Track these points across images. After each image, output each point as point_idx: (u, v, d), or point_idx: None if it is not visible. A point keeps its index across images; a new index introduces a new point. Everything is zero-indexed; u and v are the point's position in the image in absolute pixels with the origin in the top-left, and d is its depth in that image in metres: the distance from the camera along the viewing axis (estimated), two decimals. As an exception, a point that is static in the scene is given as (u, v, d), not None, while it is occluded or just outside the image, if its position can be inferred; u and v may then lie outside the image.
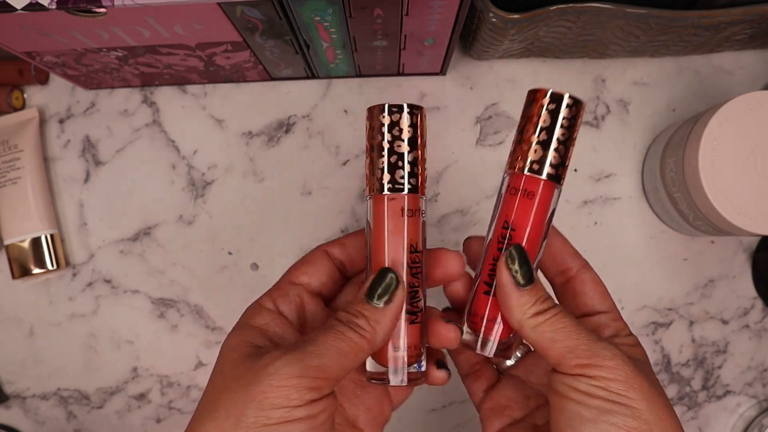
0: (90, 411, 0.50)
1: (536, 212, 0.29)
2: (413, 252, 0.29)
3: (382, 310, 0.28)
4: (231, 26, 0.38)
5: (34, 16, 0.34)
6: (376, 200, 0.29)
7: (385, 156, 0.29)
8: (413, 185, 0.29)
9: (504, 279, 0.28)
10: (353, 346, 0.26)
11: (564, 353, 0.27)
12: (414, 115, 0.29)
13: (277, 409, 0.24)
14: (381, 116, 0.29)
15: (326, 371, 0.25)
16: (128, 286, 0.50)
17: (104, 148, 0.50)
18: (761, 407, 0.49)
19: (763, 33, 0.45)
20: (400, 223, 0.29)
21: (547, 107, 0.29)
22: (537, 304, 0.28)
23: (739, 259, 0.49)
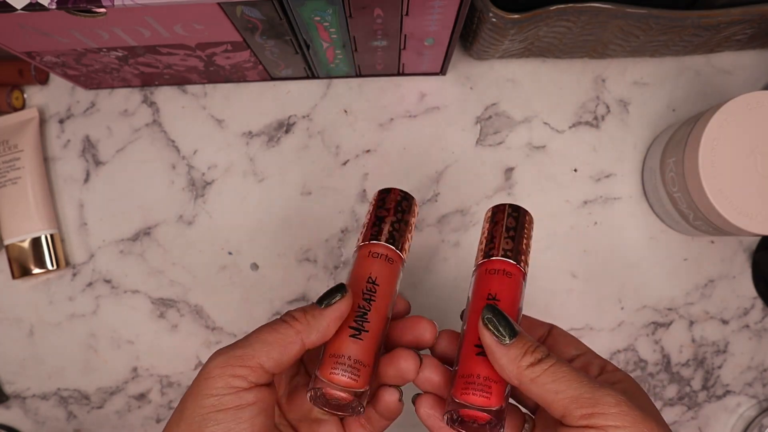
0: (90, 411, 0.50)
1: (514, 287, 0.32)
2: (369, 282, 0.32)
3: (320, 310, 0.29)
4: (231, 26, 0.38)
5: (34, 16, 0.34)
6: (363, 248, 0.34)
7: (369, 219, 0.35)
8: (386, 238, 0.34)
9: (487, 340, 0.29)
10: (279, 337, 0.28)
11: (568, 404, 0.27)
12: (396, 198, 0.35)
13: (207, 398, 0.26)
14: (378, 196, 0.36)
15: (249, 360, 0.27)
16: (128, 286, 0.50)
17: (104, 148, 0.50)
18: (761, 407, 0.49)
19: (763, 33, 0.45)
20: (366, 262, 0.33)
21: (507, 218, 0.35)
22: (529, 355, 0.28)
23: (739, 259, 0.49)
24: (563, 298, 0.49)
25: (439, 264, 0.49)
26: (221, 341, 0.50)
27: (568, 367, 0.28)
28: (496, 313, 0.29)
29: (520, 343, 0.28)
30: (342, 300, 0.30)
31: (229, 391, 0.26)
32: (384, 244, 0.34)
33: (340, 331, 0.31)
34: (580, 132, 0.49)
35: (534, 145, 0.49)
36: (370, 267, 0.33)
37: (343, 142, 0.50)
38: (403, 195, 0.36)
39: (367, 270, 0.33)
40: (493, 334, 0.29)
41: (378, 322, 0.32)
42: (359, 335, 0.31)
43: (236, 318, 0.50)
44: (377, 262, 0.33)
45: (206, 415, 0.26)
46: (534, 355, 0.28)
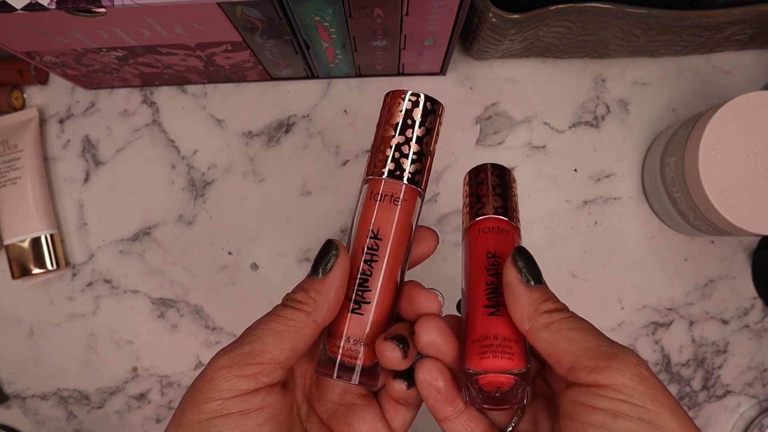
0: (90, 411, 0.50)
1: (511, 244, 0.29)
2: (372, 237, 0.27)
3: (320, 280, 0.26)
4: (231, 26, 0.38)
5: (34, 16, 0.34)
6: (368, 184, 0.29)
7: (376, 140, 0.29)
8: (391, 171, 0.28)
9: (511, 277, 0.26)
10: (290, 324, 0.25)
11: (581, 354, 0.24)
12: (410, 102, 0.28)
13: (209, 402, 0.23)
14: (395, 100, 0.29)
15: (259, 356, 0.24)
16: (128, 286, 0.50)
17: (104, 148, 0.50)
18: (761, 407, 0.49)
19: (763, 33, 0.45)
20: (368, 207, 0.28)
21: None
22: (550, 302, 0.26)
23: (739, 259, 0.49)
24: (563, 298, 0.48)
25: (439, 264, 0.49)
26: (221, 341, 0.50)
27: (587, 322, 0.25)
28: (526, 256, 0.27)
29: (544, 290, 0.26)
30: (338, 260, 0.26)
31: (234, 393, 0.23)
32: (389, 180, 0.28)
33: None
34: (580, 132, 0.49)
35: (534, 145, 0.49)
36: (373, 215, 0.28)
37: (343, 142, 0.50)
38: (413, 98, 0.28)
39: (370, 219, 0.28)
40: (519, 272, 0.26)
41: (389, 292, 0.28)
42: (359, 309, 0.27)
43: (236, 318, 0.50)
44: (380, 206, 0.28)
45: (206, 422, 0.23)
46: (555, 304, 0.26)
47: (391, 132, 0.28)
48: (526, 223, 0.49)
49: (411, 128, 0.28)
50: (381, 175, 0.28)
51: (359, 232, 0.28)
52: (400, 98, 0.29)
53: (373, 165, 0.28)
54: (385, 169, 0.28)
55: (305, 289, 0.26)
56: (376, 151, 0.28)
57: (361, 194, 0.29)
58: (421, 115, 0.28)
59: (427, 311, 0.28)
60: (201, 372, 0.24)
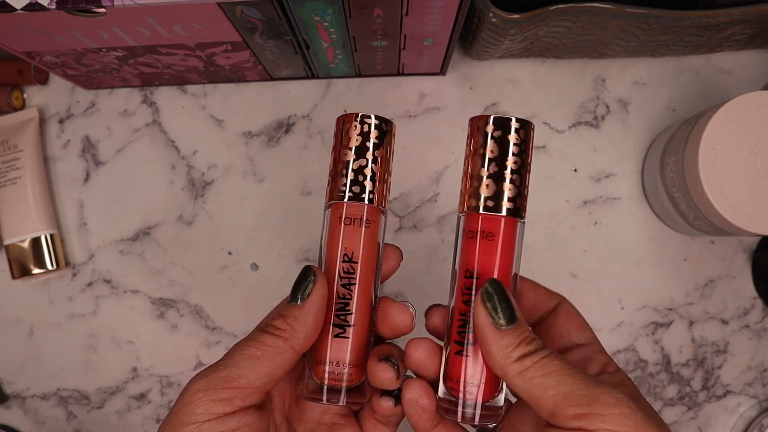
0: (90, 411, 0.50)
1: (501, 254, 0.27)
2: (346, 261, 0.28)
3: (299, 307, 0.26)
4: (231, 26, 0.38)
5: (34, 16, 0.34)
6: (332, 209, 0.29)
7: (332, 164, 0.29)
8: (355, 194, 0.28)
9: (481, 320, 0.25)
10: (268, 349, 0.25)
11: (558, 401, 0.23)
12: (364, 125, 0.28)
13: (185, 426, 0.23)
14: (348, 124, 0.29)
15: (235, 381, 0.24)
16: (128, 286, 0.50)
17: (104, 148, 0.50)
18: (761, 407, 0.49)
19: (763, 33, 0.45)
20: (336, 231, 0.28)
21: (492, 135, 0.27)
22: (522, 346, 0.25)
23: (739, 259, 0.49)
24: (563, 298, 0.49)
25: (439, 264, 0.49)
26: (221, 341, 0.50)
27: (561, 361, 0.24)
28: (498, 292, 0.25)
29: (515, 331, 0.25)
30: (316, 286, 0.26)
31: (209, 417, 0.23)
32: (354, 203, 0.27)
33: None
34: (580, 132, 0.49)
35: (534, 145, 0.49)
36: (344, 239, 0.28)
37: (343, 142, 0.50)
38: (367, 120, 0.28)
39: (340, 243, 0.27)
40: (489, 314, 0.25)
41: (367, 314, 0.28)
42: (343, 333, 0.27)
43: (236, 318, 0.50)
44: (349, 230, 0.28)
45: None
46: (527, 347, 0.25)
47: (350, 155, 0.28)
48: (527, 224, 0.49)
49: (368, 150, 0.28)
50: (343, 198, 0.28)
51: (330, 257, 0.28)
52: (354, 121, 0.29)
53: (336, 189, 0.28)
54: (348, 193, 0.28)
55: (283, 316, 0.26)
56: (337, 175, 0.28)
57: (325, 219, 0.29)
58: (377, 137, 0.28)
59: (401, 324, 0.29)
60: (180, 395, 0.25)
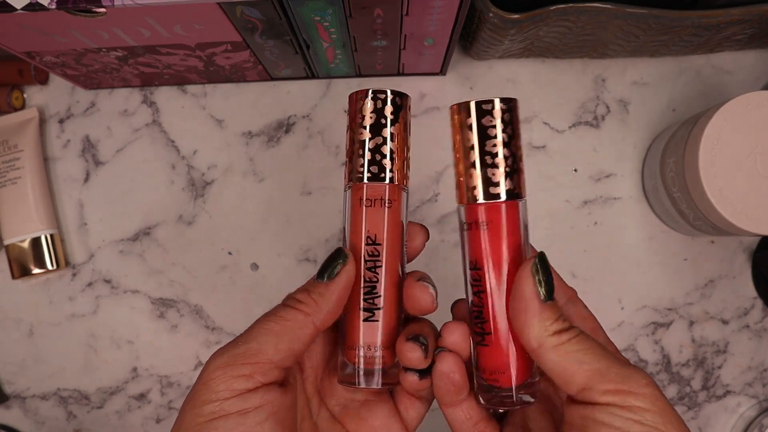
0: (90, 411, 0.50)
1: (507, 240, 0.27)
2: (370, 244, 0.27)
3: (325, 284, 0.26)
4: (231, 26, 0.38)
5: (34, 16, 0.34)
6: (352, 191, 0.28)
7: (348, 145, 0.28)
8: (374, 174, 0.27)
9: (527, 290, 0.25)
10: (288, 324, 0.25)
11: (592, 376, 0.24)
12: (377, 101, 0.27)
13: (206, 405, 0.23)
14: (361, 101, 0.28)
15: (255, 356, 0.24)
16: (128, 286, 0.50)
17: (104, 148, 0.50)
18: (761, 407, 0.49)
19: (763, 33, 0.45)
20: (358, 214, 0.27)
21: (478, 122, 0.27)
22: (559, 322, 0.25)
23: (739, 259, 0.49)
24: (563, 298, 0.49)
25: (439, 264, 0.49)
26: (221, 341, 0.50)
27: (594, 341, 0.25)
28: (547, 266, 0.26)
29: (554, 307, 0.26)
30: (345, 267, 0.26)
31: (232, 394, 0.23)
32: (374, 184, 0.27)
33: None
34: (580, 132, 0.49)
35: (534, 145, 0.49)
36: (366, 221, 0.27)
37: (343, 142, 0.49)
38: (380, 96, 0.27)
39: (363, 226, 0.27)
40: (538, 285, 0.25)
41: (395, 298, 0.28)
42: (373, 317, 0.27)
43: (236, 318, 0.50)
44: (371, 212, 0.27)
45: (204, 424, 0.23)
46: (564, 323, 0.25)
47: (365, 134, 0.27)
48: (526, 223, 0.49)
49: (384, 127, 0.27)
50: (362, 180, 0.27)
51: (354, 240, 0.28)
52: (368, 98, 0.28)
53: (354, 170, 0.28)
54: (367, 173, 0.27)
55: (308, 291, 0.26)
56: (354, 155, 0.28)
57: (346, 202, 0.28)
58: (392, 112, 0.27)
59: (423, 304, 0.29)
60: (200, 374, 0.24)
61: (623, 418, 0.23)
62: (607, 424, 0.24)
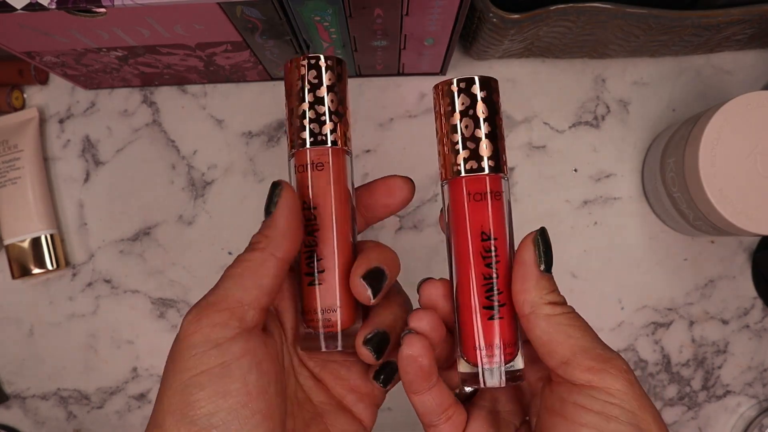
0: (90, 411, 0.50)
1: (508, 213, 0.28)
2: (307, 209, 0.27)
3: (270, 217, 0.26)
4: (231, 26, 0.38)
5: (34, 16, 0.34)
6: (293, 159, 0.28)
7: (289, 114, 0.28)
8: (313, 139, 0.27)
9: (527, 257, 0.26)
10: (248, 264, 0.25)
11: (577, 351, 0.25)
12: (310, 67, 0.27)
13: (186, 361, 0.22)
14: (295, 69, 0.28)
15: (223, 302, 0.23)
16: (128, 286, 0.50)
17: (104, 148, 0.50)
18: (761, 407, 0.49)
19: (763, 33, 0.45)
20: (300, 181, 0.28)
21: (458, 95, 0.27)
22: (555, 294, 0.26)
23: (739, 259, 0.49)
24: (563, 298, 0.49)
25: (439, 264, 0.49)
26: (221, 341, 0.50)
27: (584, 322, 0.26)
28: (548, 240, 0.27)
29: (551, 280, 0.26)
30: (282, 193, 0.26)
31: (210, 346, 0.22)
32: (309, 149, 0.27)
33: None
34: (580, 132, 0.49)
35: (534, 145, 0.49)
36: (298, 187, 0.27)
37: (343, 142, 0.50)
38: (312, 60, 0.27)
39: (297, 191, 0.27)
40: (537, 254, 0.26)
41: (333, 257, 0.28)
42: (313, 281, 0.27)
43: (236, 318, 0.49)
44: (302, 177, 0.27)
45: (188, 381, 0.22)
46: (559, 297, 0.26)
47: (296, 101, 0.27)
48: (526, 223, 0.49)
49: (315, 90, 0.27)
50: (301, 146, 0.27)
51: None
52: (300, 64, 0.27)
53: (291, 139, 0.28)
54: (303, 139, 0.27)
55: (259, 231, 0.26)
56: (290, 125, 0.27)
57: (289, 172, 0.28)
58: (326, 77, 0.27)
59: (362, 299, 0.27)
60: (176, 336, 0.24)
61: (602, 402, 0.24)
62: (586, 407, 0.24)
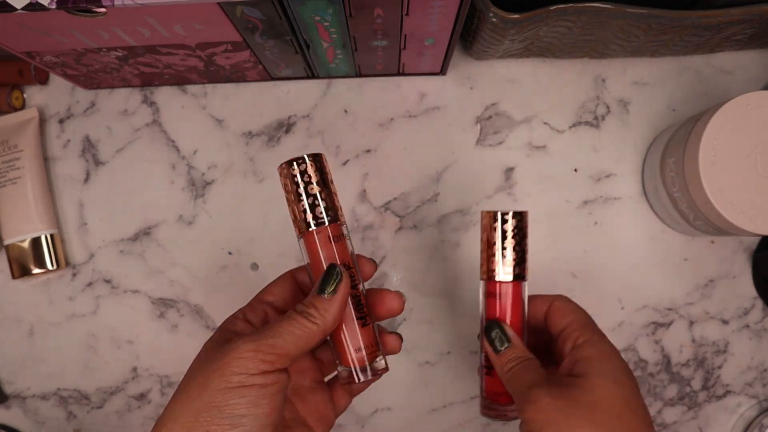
0: (90, 411, 0.50)
1: (512, 308, 0.37)
2: (347, 269, 0.34)
3: (329, 300, 0.32)
4: (231, 26, 0.38)
5: (34, 16, 0.34)
6: (307, 237, 0.34)
7: (303, 200, 0.34)
8: (333, 217, 0.34)
9: (486, 348, 0.36)
10: (305, 330, 0.31)
11: (515, 397, 0.34)
12: (300, 165, 0.34)
13: (235, 376, 0.29)
14: (291, 169, 0.34)
15: (278, 348, 0.30)
16: (128, 286, 0.50)
17: (104, 148, 0.50)
18: (761, 407, 0.49)
19: (763, 33, 0.45)
20: (330, 248, 0.34)
21: (500, 226, 0.37)
22: (511, 362, 0.35)
23: (739, 259, 0.49)
24: (563, 298, 0.49)
25: (439, 264, 0.49)
26: (221, 341, 0.50)
27: (522, 368, 0.34)
28: (490, 328, 0.36)
29: (509, 351, 0.35)
30: (342, 283, 0.32)
31: (257, 371, 0.29)
32: (331, 226, 0.34)
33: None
34: (580, 132, 0.49)
35: (534, 145, 0.49)
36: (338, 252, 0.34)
37: (343, 142, 0.50)
38: (303, 160, 0.34)
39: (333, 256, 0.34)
40: (490, 345, 0.36)
41: (368, 307, 0.35)
42: (367, 322, 0.35)
43: (236, 318, 0.49)
44: (336, 246, 0.34)
45: (233, 389, 0.29)
46: (512, 363, 0.35)
47: (301, 197, 0.34)
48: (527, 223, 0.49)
49: (311, 184, 0.34)
50: (319, 224, 0.34)
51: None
52: (293, 167, 0.34)
53: (306, 221, 0.34)
54: (319, 219, 0.34)
55: (317, 307, 0.32)
56: (301, 212, 0.34)
57: (307, 246, 0.34)
58: (316, 171, 0.34)
59: (394, 307, 0.36)
60: (225, 349, 0.30)
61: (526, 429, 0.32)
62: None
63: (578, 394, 0.31)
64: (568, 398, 0.31)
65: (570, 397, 0.31)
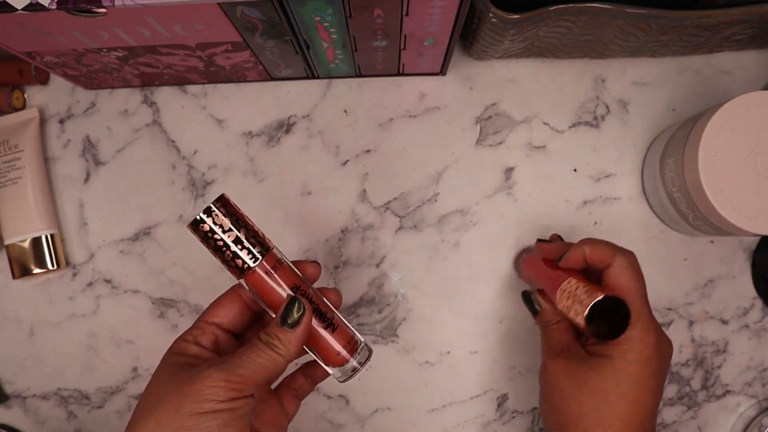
0: (90, 411, 0.50)
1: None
2: (296, 289, 0.35)
3: (292, 332, 0.34)
4: (231, 26, 0.38)
5: (34, 16, 0.34)
6: (247, 278, 0.35)
7: (229, 249, 0.34)
8: (263, 249, 0.34)
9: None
10: (271, 361, 0.33)
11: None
12: (211, 216, 0.34)
13: (207, 402, 0.31)
14: (202, 227, 0.34)
15: (247, 378, 0.32)
16: (128, 286, 0.50)
17: (104, 148, 0.50)
18: (761, 407, 0.49)
19: (763, 33, 0.45)
20: (274, 278, 0.35)
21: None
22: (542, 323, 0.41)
23: (739, 259, 0.49)
24: (563, 298, 0.49)
25: (439, 264, 0.49)
26: (221, 341, 0.50)
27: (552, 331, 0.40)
28: (525, 300, 0.42)
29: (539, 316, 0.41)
30: (305, 315, 0.34)
31: (226, 398, 0.32)
32: (264, 259, 0.34)
33: None
34: (580, 132, 0.49)
35: (534, 145, 0.49)
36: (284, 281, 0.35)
37: (343, 142, 0.50)
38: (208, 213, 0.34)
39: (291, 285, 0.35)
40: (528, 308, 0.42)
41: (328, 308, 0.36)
42: (335, 327, 0.36)
43: (236, 318, 0.49)
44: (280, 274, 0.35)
45: (204, 414, 0.31)
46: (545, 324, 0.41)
47: (223, 247, 0.34)
48: (526, 223, 0.49)
49: (228, 231, 0.34)
50: (255, 261, 0.34)
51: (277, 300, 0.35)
52: (203, 224, 0.34)
53: (242, 267, 0.34)
54: (254, 257, 0.34)
55: (280, 339, 0.34)
56: (230, 257, 0.34)
57: (251, 286, 0.35)
58: (224, 216, 0.34)
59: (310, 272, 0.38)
60: (197, 375, 0.32)
61: None
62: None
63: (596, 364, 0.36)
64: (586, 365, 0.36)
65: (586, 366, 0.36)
